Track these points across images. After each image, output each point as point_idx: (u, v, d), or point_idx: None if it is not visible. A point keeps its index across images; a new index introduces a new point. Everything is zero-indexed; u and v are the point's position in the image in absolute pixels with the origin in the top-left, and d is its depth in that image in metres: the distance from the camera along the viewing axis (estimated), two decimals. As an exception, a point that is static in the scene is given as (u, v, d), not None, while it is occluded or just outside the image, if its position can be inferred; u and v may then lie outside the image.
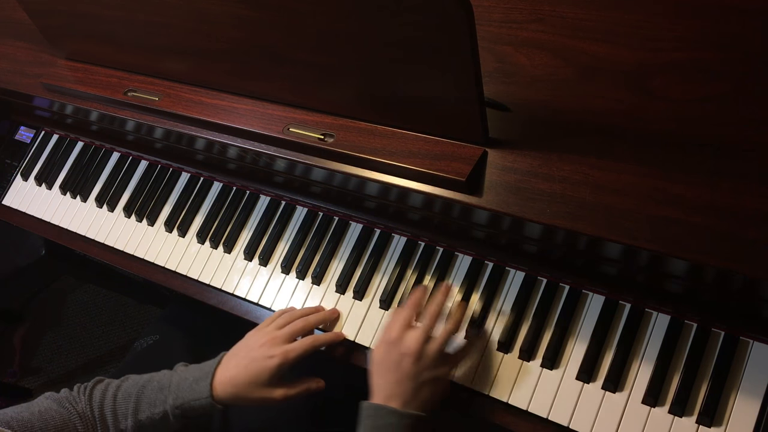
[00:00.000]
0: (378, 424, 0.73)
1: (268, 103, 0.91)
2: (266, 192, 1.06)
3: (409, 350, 0.75)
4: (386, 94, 0.79)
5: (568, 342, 0.82)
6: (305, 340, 0.86)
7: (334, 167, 0.84)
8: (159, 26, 0.90)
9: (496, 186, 0.75)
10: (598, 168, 0.72)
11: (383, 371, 0.77)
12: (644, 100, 0.75)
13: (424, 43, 0.69)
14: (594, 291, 0.83)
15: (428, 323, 0.78)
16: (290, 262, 1.00)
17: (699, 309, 0.77)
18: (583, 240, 0.74)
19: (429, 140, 0.80)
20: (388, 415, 0.73)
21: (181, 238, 1.09)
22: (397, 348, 0.76)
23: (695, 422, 0.73)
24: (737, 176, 0.67)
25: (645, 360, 0.78)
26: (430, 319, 0.78)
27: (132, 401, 0.84)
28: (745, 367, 0.74)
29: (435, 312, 0.79)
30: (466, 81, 0.70)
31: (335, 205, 0.99)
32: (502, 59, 0.84)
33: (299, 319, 0.89)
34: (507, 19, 0.86)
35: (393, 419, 0.72)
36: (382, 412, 0.73)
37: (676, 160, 0.70)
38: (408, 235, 0.94)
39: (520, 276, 0.87)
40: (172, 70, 0.98)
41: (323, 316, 0.91)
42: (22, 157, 1.30)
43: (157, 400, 0.83)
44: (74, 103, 1.08)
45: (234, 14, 0.80)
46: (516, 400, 0.81)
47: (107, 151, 1.23)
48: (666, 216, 0.67)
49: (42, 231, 1.23)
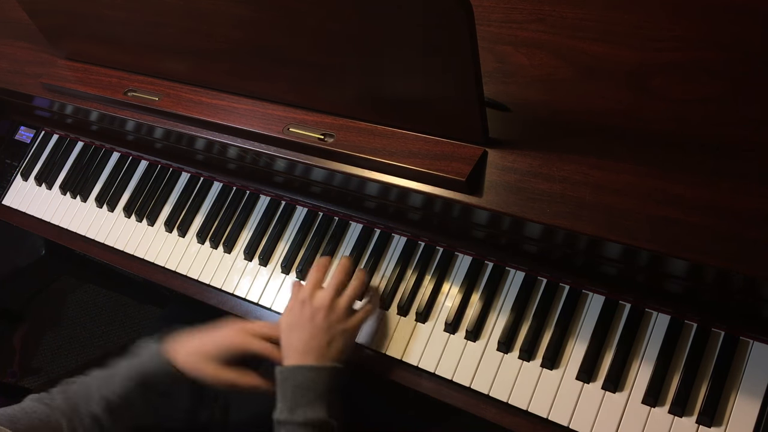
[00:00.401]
0: (298, 382, 0.76)
1: (268, 103, 0.91)
2: (266, 192, 1.06)
3: (322, 304, 0.81)
4: (386, 94, 0.79)
5: (568, 342, 0.82)
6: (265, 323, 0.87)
7: (334, 167, 0.84)
8: (159, 26, 0.90)
9: (496, 186, 0.75)
10: (598, 168, 0.72)
11: (296, 330, 0.80)
12: (644, 100, 0.75)
13: (424, 43, 0.69)
14: (594, 291, 0.83)
15: (337, 280, 0.84)
16: (290, 262, 1.00)
17: (699, 309, 0.77)
18: (583, 240, 0.74)
19: (429, 140, 0.80)
20: (307, 372, 0.76)
21: (181, 238, 1.09)
22: (309, 304, 0.81)
23: (695, 422, 0.73)
24: (737, 176, 0.67)
25: (645, 360, 0.78)
26: (338, 277, 0.84)
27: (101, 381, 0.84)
28: (745, 367, 0.74)
29: (342, 270, 0.85)
30: (466, 81, 0.70)
31: (335, 205, 0.99)
32: (502, 59, 0.84)
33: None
34: (507, 19, 0.86)
35: (312, 374, 0.76)
36: (300, 371, 0.76)
37: (676, 160, 0.70)
38: (408, 235, 0.94)
39: (520, 276, 0.87)
40: (172, 70, 0.98)
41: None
42: (22, 157, 1.30)
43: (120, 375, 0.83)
44: (74, 103, 1.08)
45: (234, 14, 0.80)
46: (516, 400, 0.81)
47: (107, 151, 1.23)
48: (666, 216, 0.67)
49: (42, 231, 1.23)
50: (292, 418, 0.74)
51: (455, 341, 0.86)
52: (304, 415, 0.74)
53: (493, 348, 0.84)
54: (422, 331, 0.88)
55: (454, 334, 0.87)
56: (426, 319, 0.89)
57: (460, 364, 0.85)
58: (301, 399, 0.75)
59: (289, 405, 0.75)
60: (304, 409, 0.74)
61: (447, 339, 0.87)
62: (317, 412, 0.74)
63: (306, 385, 0.75)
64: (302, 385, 0.76)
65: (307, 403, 0.75)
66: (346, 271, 0.85)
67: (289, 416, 0.75)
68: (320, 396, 0.75)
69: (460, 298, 0.88)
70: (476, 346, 0.85)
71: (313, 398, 0.75)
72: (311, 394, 0.75)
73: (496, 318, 0.86)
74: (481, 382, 0.83)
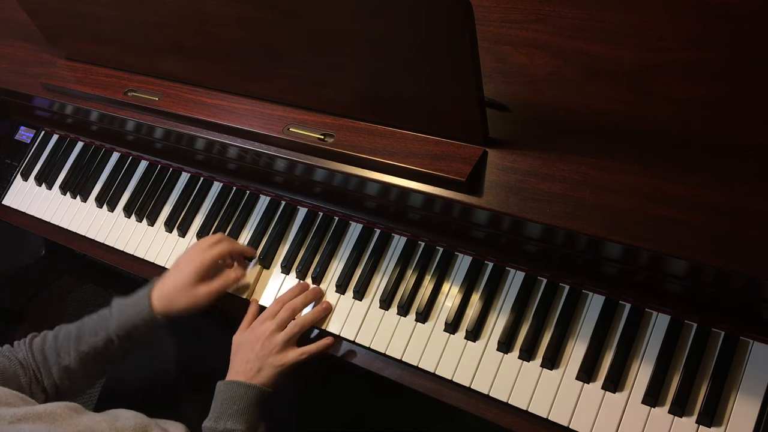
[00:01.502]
0: (228, 395, 0.84)
1: (268, 103, 0.91)
2: (266, 192, 1.06)
3: (261, 336, 0.88)
4: (386, 94, 0.79)
5: (568, 342, 0.82)
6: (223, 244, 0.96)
7: (334, 167, 0.84)
8: (159, 26, 0.90)
9: (496, 186, 0.75)
10: (598, 168, 0.72)
11: (239, 352, 0.89)
12: (644, 100, 0.75)
13: (424, 43, 0.69)
14: (594, 291, 0.83)
15: (282, 316, 0.90)
16: (290, 262, 1.00)
17: (699, 309, 0.77)
18: (583, 240, 0.74)
19: (429, 140, 0.80)
20: (237, 387, 0.84)
21: (181, 238, 1.09)
22: (253, 333, 0.89)
23: (695, 422, 0.73)
24: (737, 176, 0.67)
25: (645, 360, 0.78)
26: (284, 312, 0.90)
27: (73, 336, 0.91)
28: (745, 367, 0.74)
29: (291, 307, 0.91)
30: (466, 81, 0.70)
31: (335, 205, 0.99)
32: (502, 59, 0.84)
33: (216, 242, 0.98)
34: (507, 19, 0.86)
35: (240, 390, 0.84)
36: (231, 386, 0.85)
37: (676, 160, 0.70)
38: (408, 235, 0.94)
39: (520, 276, 0.87)
40: (172, 70, 0.98)
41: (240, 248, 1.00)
42: (22, 157, 1.30)
43: (99, 328, 0.91)
44: (74, 103, 1.08)
45: (234, 14, 0.80)
46: (516, 400, 0.81)
47: (107, 151, 1.23)
48: (666, 216, 0.67)
49: (42, 231, 1.23)
50: (215, 426, 0.82)
51: (455, 341, 0.86)
52: (225, 425, 0.81)
53: (493, 348, 0.84)
54: (422, 331, 0.88)
55: (454, 334, 0.87)
56: (426, 319, 0.89)
57: (460, 364, 0.85)
58: (226, 410, 0.83)
59: (216, 414, 0.83)
60: (226, 420, 0.82)
61: (447, 339, 0.87)
62: (237, 424, 0.81)
63: (232, 399, 0.83)
64: (229, 399, 0.83)
65: (230, 415, 0.82)
66: (292, 308, 0.91)
67: (214, 424, 0.82)
68: (242, 410, 0.82)
69: (460, 298, 0.88)
70: (476, 346, 0.85)
71: (236, 411, 0.82)
72: (235, 407, 0.82)
73: (496, 318, 0.86)
74: (481, 382, 0.83)
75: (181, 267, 0.94)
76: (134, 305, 0.92)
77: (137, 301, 0.92)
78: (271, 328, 0.88)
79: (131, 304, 0.92)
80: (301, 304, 0.93)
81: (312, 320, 0.91)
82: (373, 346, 0.90)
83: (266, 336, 0.88)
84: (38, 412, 0.71)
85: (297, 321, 0.90)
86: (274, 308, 0.92)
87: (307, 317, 0.91)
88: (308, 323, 0.91)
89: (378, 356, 0.90)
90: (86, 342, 0.90)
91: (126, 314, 0.91)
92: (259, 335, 0.88)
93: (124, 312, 0.91)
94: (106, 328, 0.91)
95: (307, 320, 0.91)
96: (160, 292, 0.92)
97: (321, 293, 0.95)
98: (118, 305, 0.93)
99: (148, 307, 0.91)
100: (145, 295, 0.92)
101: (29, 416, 0.70)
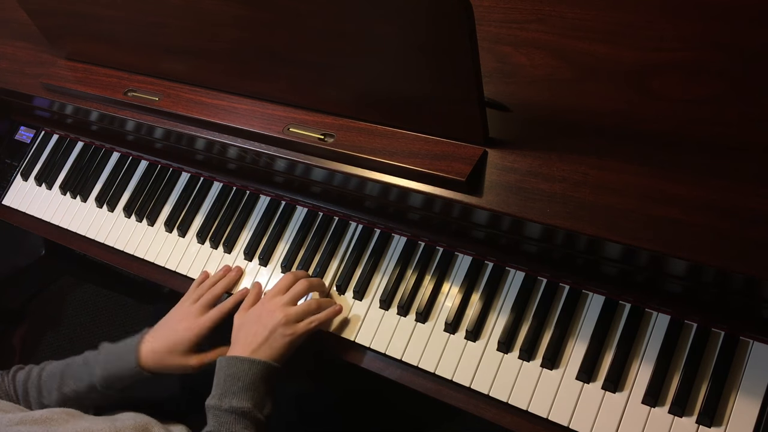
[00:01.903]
0: (231, 372, 0.80)
1: (268, 103, 0.91)
2: (266, 192, 1.06)
3: (272, 308, 0.85)
4: (386, 94, 0.79)
5: (568, 342, 0.82)
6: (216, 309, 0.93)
7: (334, 167, 0.84)
8: (159, 26, 0.90)
9: (496, 186, 0.75)
10: (598, 168, 0.72)
11: (244, 326, 0.86)
12: (644, 100, 0.75)
13: (424, 43, 0.69)
14: (594, 291, 0.83)
15: (297, 289, 0.88)
16: (290, 262, 1.00)
17: (699, 309, 0.77)
18: (583, 240, 0.74)
19: (429, 140, 0.80)
20: (239, 363, 0.81)
21: (181, 238, 1.09)
22: (263, 306, 0.87)
23: (695, 422, 0.73)
24: (737, 176, 0.67)
25: (645, 360, 0.78)
26: (299, 286, 0.88)
27: (57, 377, 0.90)
28: (745, 367, 0.74)
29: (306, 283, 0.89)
30: (466, 81, 0.70)
31: (335, 205, 0.99)
32: (502, 59, 0.84)
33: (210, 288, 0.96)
34: (507, 19, 0.86)
35: (245, 365, 0.80)
36: (233, 361, 0.81)
37: (676, 160, 0.70)
38: (408, 235, 0.94)
39: (520, 276, 0.87)
40: (172, 70, 0.98)
41: (229, 279, 0.99)
42: (22, 157, 1.30)
43: (83, 374, 0.89)
44: (74, 103, 1.08)
45: (234, 14, 0.80)
46: (516, 400, 0.81)
47: (107, 151, 1.23)
48: (666, 216, 0.67)
49: (42, 231, 1.23)
50: (219, 404, 0.78)
51: (455, 341, 0.86)
52: (230, 403, 0.77)
53: (493, 348, 0.84)
54: (422, 331, 0.88)
55: (454, 334, 0.87)
56: (426, 319, 0.89)
57: (460, 364, 0.85)
58: (231, 387, 0.79)
59: (220, 392, 0.79)
60: (231, 398, 0.78)
61: (447, 339, 0.87)
62: (242, 402, 0.77)
63: (237, 375, 0.79)
64: (233, 375, 0.80)
65: (235, 392, 0.78)
66: (308, 285, 0.89)
67: (218, 402, 0.78)
68: (248, 387, 0.79)
69: (460, 298, 0.88)
70: (476, 346, 0.85)
71: (241, 388, 0.78)
72: (240, 383, 0.79)
73: (496, 318, 0.86)
74: (481, 382, 0.83)
75: (178, 330, 0.90)
76: (121, 357, 0.89)
77: (124, 353, 0.89)
78: (284, 300, 0.86)
79: (119, 354, 0.89)
80: (317, 285, 0.90)
81: (327, 303, 0.89)
82: (373, 346, 0.90)
83: (277, 308, 0.85)
84: (35, 417, 0.71)
85: (309, 301, 0.87)
86: (282, 283, 0.89)
87: (321, 301, 0.88)
88: (324, 305, 0.88)
89: (378, 356, 0.90)
90: (69, 386, 0.89)
91: (112, 364, 0.89)
92: (270, 308, 0.85)
93: (110, 362, 0.89)
94: (90, 374, 0.89)
95: (319, 304, 0.88)
96: (150, 349, 0.89)
97: (327, 288, 0.95)
98: (105, 353, 0.91)
99: (135, 362, 0.88)
100: (133, 348, 0.89)
101: (26, 421, 0.70)
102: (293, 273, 0.93)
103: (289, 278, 0.91)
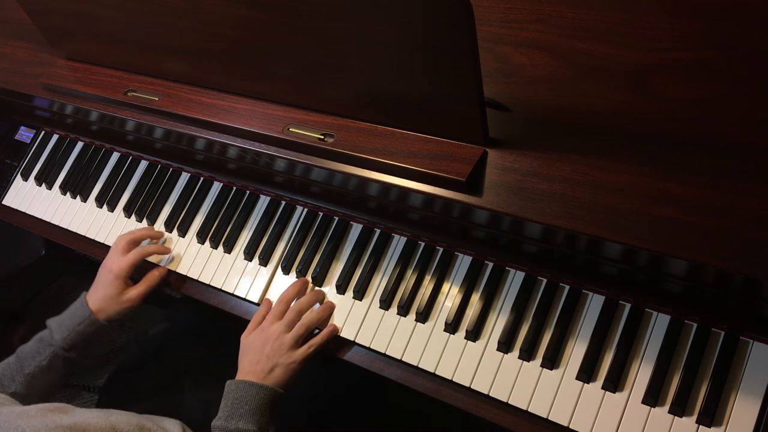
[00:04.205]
0: (238, 395, 0.84)
1: (268, 103, 0.91)
2: (266, 192, 1.06)
3: (271, 336, 0.89)
4: (386, 94, 0.79)
5: (568, 342, 0.82)
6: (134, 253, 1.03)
7: (334, 167, 0.84)
8: (159, 26, 0.90)
9: (496, 186, 0.75)
10: (598, 168, 0.72)
11: (248, 353, 0.90)
12: (644, 100, 0.75)
13: (424, 44, 0.69)
14: (594, 291, 0.83)
15: (289, 317, 0.91)
16: (290, 262, 1.00)
17: (699, 309, 0.77)
18: (583, 240, 0.74)
19: (429, 140, 0.80)
20: (247, 387, 0.85)
21: (181, 238, 1.09)
22: (262, 334, 0.90)
23: (695, 422, 0.73)
24: (737, 176, 0.67)
25: (645, 360, 0.78)
26: (291, 313, 0.92)
27: (13, 364, 0.95)
28: (745, 367, 0.74)
29: (297, 308, 0.92)
30: (466, 81, 0.70)
31: (335, 205, 0.99)
32: (502, 59, 0.84)
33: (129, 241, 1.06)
34: (507, 19, 0.86)
35: (252, 390, 0.84)
36: (242, 385, 0.85)
37: (676, 160, 0.70)
38: (408, 235, 0.94)
39: (520, 276, 0.87)
40: (172, 70, 0.98)
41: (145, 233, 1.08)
42: (22, 157, 1.30)
43: (41, 348, 0.96)
44: (74, 103, 1.08)
45: (234, 14, 0.80)
46: (516, 400, 0.81)
47: (107, 151, 1.23)
48: (666, 216, 0.67)
49: (42, 231, 1.23)
50: (226, 426, 0.82)
51: (455, 341, 0.86)
52: (236, 425, 0.81)
53: (493, 348, 0.84)
54: (422, 331, 0.88)
55: (454, 334, 0.87)
56: (426, 319, 0.89)
57: (460, 364, 0.85)
58: (237, 410, 0.83)
59: (227, 413, 0.83)
60: (237, 420, 0.82)
61: (447, 339, 0.87)
62: (248, 424, 0.82)
63: (244, 399, 0.83)
64: (240, 399, 0.84)
65: (241, 415, 0.82)
66: (298, 309, 0.92)
67: (224, 423, 0.82)
68: (254, 411, 0.83)
69: (460, 298, 0.88)
70: (476, 346, 0.85)
71: (248, 411, 0.83)
72: (246, 407, 0.83)
73: (496, 318, 0.86)
74: (481, 382, 0.83)
75: (105, 278, 1.01)
76: (74, 315, 0.98)
77: (75, 311, 0.98)
78: (279, 329, 0.90)
79: (70, 315, 0.98)
80: (307, 305, 0.93)
81: (317, 320, 0.92)
82: (373, 346, 0.90)
83: (275, 337, 0.89)
84: (30, 413, 0.71)
85: (303, 322, 0.91)
86: (279, 308, 0.93)
87: (313, 318, 0.92)
88: (314, 323, 0.92)
89: (378, 356, 0.90)
90: (30, 365, 0.94)
91: (68, 325, 0.97)
92: (268, 336, 0.89)
93: (65, 324, 0.97)
94: (49, 344, 0.95)
95: (313, 320, 0.92)
96: (93, 301, 0.99)
97: (323, 295, 0.96)
98: (56, 322, 0.98)
99: (89, 312, 0.98)
100: (81, 305, 0.99)
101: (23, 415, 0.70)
102: (294, 285, 0.95)
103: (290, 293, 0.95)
